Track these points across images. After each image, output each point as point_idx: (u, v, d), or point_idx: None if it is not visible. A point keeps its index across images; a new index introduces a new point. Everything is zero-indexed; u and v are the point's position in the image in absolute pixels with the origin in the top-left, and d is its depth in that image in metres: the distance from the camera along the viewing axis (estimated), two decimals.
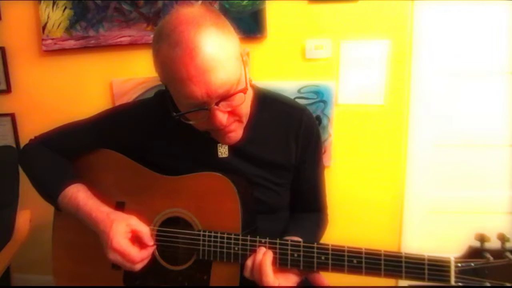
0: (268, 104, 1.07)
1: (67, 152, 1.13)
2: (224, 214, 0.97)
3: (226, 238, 0.94)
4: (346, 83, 1.86)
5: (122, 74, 1.97)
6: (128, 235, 0.95)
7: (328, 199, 1.22)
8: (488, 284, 0.77)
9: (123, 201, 1.08)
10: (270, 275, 0.87)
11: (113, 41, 1.93)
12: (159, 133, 1.07)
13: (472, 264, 0.78)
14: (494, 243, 0.78)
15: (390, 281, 0.85)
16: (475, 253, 0.79)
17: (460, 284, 0.78)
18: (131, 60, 1.95)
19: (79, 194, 1.03)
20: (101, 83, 2.00)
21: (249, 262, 0.91)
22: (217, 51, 0.81)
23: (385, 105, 1.86)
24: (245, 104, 0.92)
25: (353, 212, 1.94)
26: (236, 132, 0.96)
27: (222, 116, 0.87)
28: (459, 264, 0.78)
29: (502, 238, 0.77)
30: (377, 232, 1.96)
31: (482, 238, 0.79)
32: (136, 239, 0.96)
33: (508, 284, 0.76)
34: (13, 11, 1.98)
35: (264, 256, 0.89)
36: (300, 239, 0.98)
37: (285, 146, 1.07)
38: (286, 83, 1.86)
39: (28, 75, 2.05)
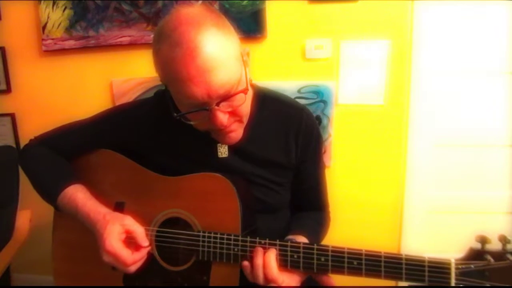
0: (268, 104, 1.07)
1: (67, 152, 1.13)
2: (223, 214, 0.97)
3: (225, 239, 0.94)
4: (346, 83, 1.86)
5: (122, 74, 1.97)
6: (122, 236, 0.95)
7: (328, 198, 1.22)
8: (489, 286, 0.77)
9: (123, 202, 1.08)
10: (274, 269, 0.88)
11: (113, 41, 1.92)
12: (159, 133, 1.07)
13: (473, 266, 0.77)
14: (495, 245, 0.78)
15: (390, 282, 0.85)
16: (476, 255, 0.79)
17: (460, 286, 0.78)
18: (131, 60, 1.95)
19: (78, 195, 1.03)
20: (101, 83, 2.00)
21: (247, 262, 0.91)
22: (217, 52, 0.81)
23: (385, 105, 1.86)
24: (245, 104, 0.92)
25: (353, 212, 1.94)
26: (237, 132, 0.96)
27: (222, 117, 0.87)
28: (460, 266, 0.78)
29: (503, 240, 0.77)
30: (377, 232, 1.96)
31: (483, 240, 0.78)
32: (131, 240, 0.96)
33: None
34: (13, 11, 1.98)
35: (268, 251, 0.89)
36: (300, 240, 0.98)
37: (285, 146, 1.07)
38: (286, 83, 1.86)
39: (28, 75, 2.04)
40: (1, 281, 1.62)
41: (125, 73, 1.97)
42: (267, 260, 0.88)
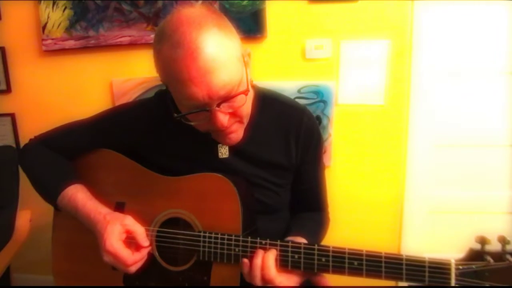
0: (268, 104, 1.07)
1: (67, 151, 1.13)
2: (224, 215, 0.97)
3: (226, 239, 0.94)
4: (346, 83, 1.86)
5: (122, 74, 1.97)
6: (122, 236, 0.95)
7: (328, 199, 1.22)
8: (488, 287, 0.77)
9: (123, 202, 1.08)
10: (272, 269, 0.88)
11: (113, 41, 1.92)
12: (159, 133, 1.07)
13: (473, 267, 0.78)
14: (494, 246, 0.78)
15: (390, 282, 0.85)
16: (475, 255, 0.79)
17: (461, 286, 0.78)
18: (131, 60, 1.95)
19: (78, 195, 1.03)
20: (101, 83, 2.00)
21: (247, 259, 0.91)
22: (219, 52, 0.81)
23: (385, 105, 1.86)
24: (246, 105, 0.92)
25: (353, 212, 1.94)
26: (237, 133, 0.96)
27: (223, 118, 0.87)
28: (460, 267, 0.78)
29: (503, 241, 0.77)
30: (377, 232, 1.96)
31: (482, 241, 0.79)
32: (132, 240, 0.96)
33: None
34: (13, 11, 1.98)
35: (267, 252, 0.90)
36: (301, 240, 0.98)
37: (286, 147, 1.07)
38: (286, 83, 1.85)
39: (28, 75, 2.04)
40: (1, 281, 1.61)
41: (125, 73, 1.97)
42: (266, 260, 0.88)
